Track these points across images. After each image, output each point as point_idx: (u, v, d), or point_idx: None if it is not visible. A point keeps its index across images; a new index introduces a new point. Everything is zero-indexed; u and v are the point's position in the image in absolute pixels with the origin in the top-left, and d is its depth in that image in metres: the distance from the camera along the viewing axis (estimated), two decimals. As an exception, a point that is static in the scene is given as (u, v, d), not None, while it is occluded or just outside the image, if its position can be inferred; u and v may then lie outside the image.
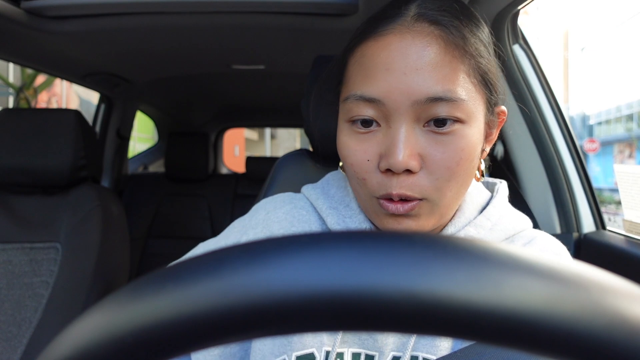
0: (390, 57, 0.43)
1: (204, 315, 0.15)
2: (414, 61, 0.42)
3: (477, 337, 0.15)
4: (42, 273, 1.20)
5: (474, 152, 0.45)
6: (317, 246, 0.16)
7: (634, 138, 21.76)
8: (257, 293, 0.15)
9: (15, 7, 1.10)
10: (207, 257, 0.16)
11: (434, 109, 0.42)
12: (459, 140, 0.43)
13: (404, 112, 0.43)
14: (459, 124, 0.43)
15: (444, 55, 0.43)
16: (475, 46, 0.45)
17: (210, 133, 3.02)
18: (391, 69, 0.43)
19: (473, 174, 0.48)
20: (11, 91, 8.24)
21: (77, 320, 0.17)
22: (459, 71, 0.43)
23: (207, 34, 1.36)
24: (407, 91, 0.42)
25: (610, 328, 0.14)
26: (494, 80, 0.47)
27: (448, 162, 0.43)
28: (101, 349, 0.16)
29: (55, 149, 1.24)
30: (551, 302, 0.14)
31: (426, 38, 0.43)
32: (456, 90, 0.42)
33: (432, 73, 0.42)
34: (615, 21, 25.22)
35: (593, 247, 1.00)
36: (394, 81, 0.43)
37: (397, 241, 0.16)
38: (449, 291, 0.14)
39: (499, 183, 0.57)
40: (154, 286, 0.16)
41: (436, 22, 0.44)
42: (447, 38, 0.43)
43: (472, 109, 0.44)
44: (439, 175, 0.44)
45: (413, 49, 0.43)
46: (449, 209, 0.48)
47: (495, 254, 0.15)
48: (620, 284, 0.15)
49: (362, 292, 0.15)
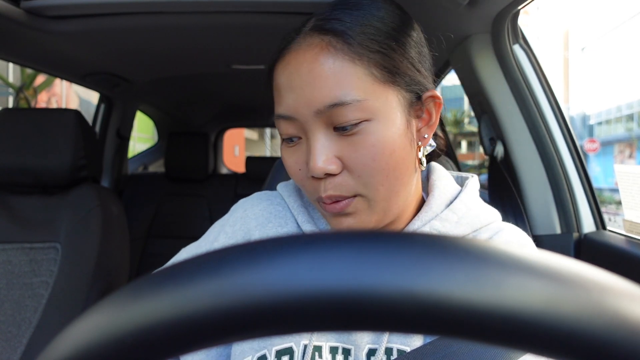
0: (290, 76, 0.47)
1: (203, 316, 0.15)
2: (307, 75, 0.45)
3: (477, 337, 0.15)
4: (42, 273, 1.20)
5: (390, 145, 0.46)
6: (317, 246, 0.16)
7: (634, 138, 21.76)
8: (257, 293, 0.15)
9: (15, 7, 1.10)
10: (207, 257, 0.16)
11: (335, 114, 0.45)
12: (367, 137, 0.45)
13: (313, 123, 0.46)
14: (365, 122, 0.45)
15: (333, 63, 0.45)
16: (375, 44, 0.46)
17: (210, 133, 3.02)
18: (292, 86, 0.47)
19: (405, 165, 0.48)
20: (11, 91, 8.24)
21: (77, 320, 0.17)
22: (353, 74, 0.45)
23: (207, 34, 1.36)
24: (308, 103, 0.45)
25: (610, 328, 0.14)
26: (408, 71, 0.48)
27: (363, 160, 0.46)
28: (101, 349, 0.16)
29: (55, 149, 1.24)
30: (551, 302, 0.14)
31: (315, 50, 0.46)
32: (351, 93, 0.44)
33: (325, 82, 0.45)
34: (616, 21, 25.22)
35: (593, 247, 1.00)
36: (296, 97, 0.46)
37: (397, 241, 0.16)
38: (449, 291, 0.14)
39: (470, 177, 0.59)
40: (153, 286, 0.16)
41: (326, 32, 0.46)
42: (336, 45, 0.45)
43: (376, 106, 0.45)
44: (360, 172, 0.46)
45: (305, 64, 0.46)
46: (390, 203, 0.49)
47: (495, 254, 0.15)
48: (621, 283, 0.15)
49: (361, 292, 0.15)
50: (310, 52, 0.46)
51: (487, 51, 1.08)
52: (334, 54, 0.45)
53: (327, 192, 0.47)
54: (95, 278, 1.20)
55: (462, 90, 1.31)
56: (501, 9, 0.96)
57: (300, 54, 0.46)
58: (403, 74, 0.47)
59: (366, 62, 0.45)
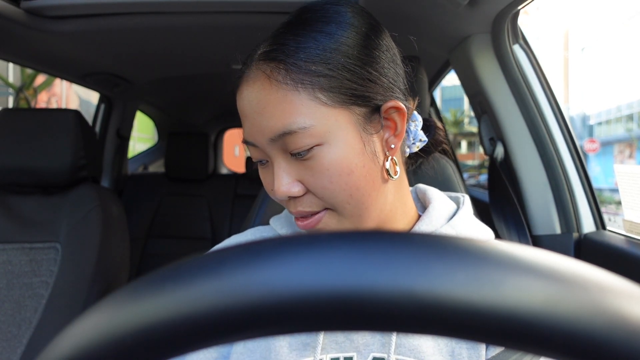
0: (243, 105, 0.48)
1: (203, 316, 0.15)
2: (256, 105, 0.46)
3: (477, 337, 0.15)
4: (42, 273, 1.20)
5: (347, 165, 0.45)
6: (317, 246, 0.16)
7: (634, 138, 21.77)
8: (256, 293, 0.15)
9: (15, 7, 1.10)
10: (207, 258, 0.16)
11: (287, 142, 0.45)
12: (321, 161, 0.45)
13: (270, 149, 0.47)
14: (317, 147, 0.45)
15: (277, 92, 0.45)
16: (320, 65, 0.45)
17: (210, 133, 3.02)
18: (245, 114, 0.48)
19: (370, 181, 0.47)
20: (11, 91, 8.24)
21: (77, 320, 0.17)
22: (298, 101, 0.44)
23: (207, 34, 1.36)
24: (261, 132, 0.46)
25: (610, 328, 0.14)
26: (361, 87, 0.46)
27: (321, 183, 0.46)
28: (100, 349, 0.16)
29: (55, 149, 1.24)
30: (551, 302, 0.14)
31: (261, 80, 0.46)
32: (297, 121, 0.44)
33: (272, 112, 0.45)
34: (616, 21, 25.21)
35: (593, 247, 1.00)
36: (251, 125, 0.47)
37: (398, 241, 0.16)
38: (449, 291, 0.14)
39: (461, 197, 0.60)
40: (153, 286, 0.16)
41: (271, 60, 0.46)
42: (278, 75, 0.45)
43: (325, 129, 0.45)
44: (322, 194, 0.47)
45: (254, 94, 0.46)
46: (362, 218, 0.49)
47: (495, 254, 0.15)
48: (620, 283, 0.15)
49: (361, 292, 0.15)
50: (257, 82, 0.46)
51: (487, 51, 1.08)
52: (276, 85, 0.45)
53: (297, 208, 0.48)
54: (95, 278, 1.20)
55: (462, 90, 1.31)
56: (501, 9, 0.96)
57: (249, 84, 0.47)
58: (354, 92, 0.46)
59: (310, 88, 0.44)
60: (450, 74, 1.65)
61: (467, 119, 27.61)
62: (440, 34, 1.13)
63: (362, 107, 0.47)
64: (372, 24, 0.50)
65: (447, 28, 1.08)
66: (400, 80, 0.51)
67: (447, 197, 0.60)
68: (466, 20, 1.02)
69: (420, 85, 0.94)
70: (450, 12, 0.98)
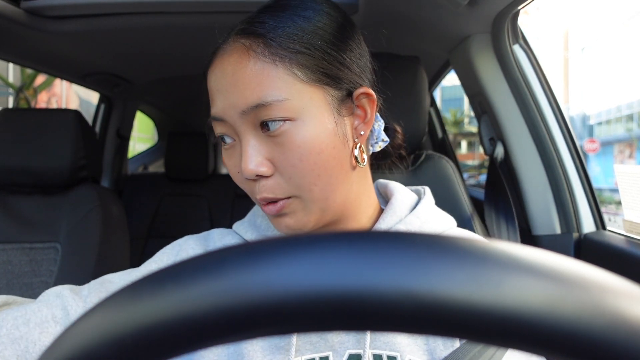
0: (217, 79, 0.48)
1: (203, 316, 0.15)
2: (231, 77, 0.46)
3: (477, 337, 0.15)
4: (42, 273, 1.20)
5: (318, 145, 0.46)
6: (317, 246, 0.16)
7: (634, 138, 21.77)
8: (257, 293, 0.15)
9: (15, 7, 1.10)
10: (207, 258, 0.16)
11: (259, 115, 0.46)
12: (292, 137, 0.46)
13: (241, 124, 0.47)
14: (289, 122, 0.46)
15: (254, 65, 0.45)
16: (298, 44, 0.46)
17: (210, 133, 3.01)
18: (219, 89, 0.48)
19: (338, 164, 0.48)
20: (11, 91, 8.25)
21: (77, 320, 0.17)
22: (275, 75, 0.45)
23: (207, 34, 1.36)
24: (234, 105, 0.46)
25: (610, 328, 0.14)
26: (335, 69, 0.48)
27: (291, 161, 0.46)
28: (100, 349, 0.16)
29: (55, 149, 1.24)
30: (551, 302, 0.14)
31: (238, 53, 0.47)
32: (273, 94, 0.45)
33: (248, 84, 0.45)
34: (616, 21, 25.21)
35: (593, 247, 1.00)
36: (223, 99, 0.47)
37: (398, 241, 0.16)
38: (449, 291, 0.14)
39: (422, 189, 0.61)
40: (153, 286, 0.16)
41: (248, 35, 0.47)
42: (257, 48, 0.46)
43: (299, 105, 0.46)
44: (290, 174, 0.47)
45: (229, 67, 0.47)
46: (328, 202, 0.49)
47: (495, 254, 0.15)
48: (621, 283, 0.15)
49: (361, 291, 0.15)
50: (233, 55, 0.47)
51: (487, 51, 1.08)
52: (254, 57, 0.46)
53: (262, 194, 0.48)
54: (95, 278, 1.20)
55: (462, 90, 1.31)
56: (501, 9, 0.96)
57: (225, 58, 0.48)
58: (329, 73, 0.47)
59: (288, 63, 0.46)
60: (450, 74, 1.65)
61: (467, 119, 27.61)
62: (440, 34, 1.13)
63: (336, 90, 0.48)
64: (347, 18, 0.53)
65: (447, 28, 1.08)
66: (369, 73, 0.53)
67: (408, 189, 0.61)
68: (466, 20, 1.02)
69: (420, 85, 0.94)
70: (450, 12, 0.98)
